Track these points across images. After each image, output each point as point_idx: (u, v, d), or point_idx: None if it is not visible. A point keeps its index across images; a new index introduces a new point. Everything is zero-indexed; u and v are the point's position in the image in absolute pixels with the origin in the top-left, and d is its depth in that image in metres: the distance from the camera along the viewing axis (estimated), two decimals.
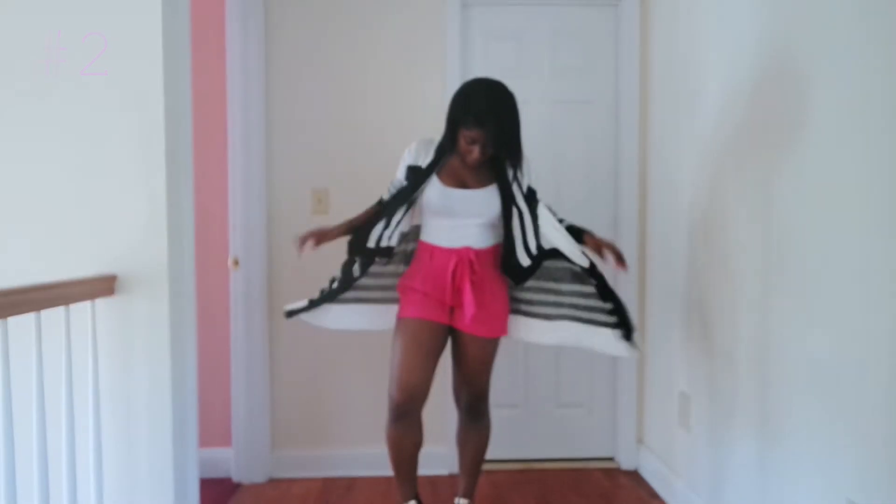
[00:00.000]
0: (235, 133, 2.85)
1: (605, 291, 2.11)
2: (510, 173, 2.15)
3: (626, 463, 3.05)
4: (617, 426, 3.09)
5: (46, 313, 1.63)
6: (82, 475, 1.75)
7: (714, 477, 2.28)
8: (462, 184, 2.15)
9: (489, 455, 3.05)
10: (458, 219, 2.13)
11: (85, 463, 1.76)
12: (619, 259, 2.11)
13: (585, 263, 2.11)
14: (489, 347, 2.20)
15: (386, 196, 2.21)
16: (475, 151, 2.05)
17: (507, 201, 2.14)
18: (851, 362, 1.54)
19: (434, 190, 2.14)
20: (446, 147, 2.15)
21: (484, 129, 2.00)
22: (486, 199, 2.14)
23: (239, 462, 2.90)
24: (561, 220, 2.23)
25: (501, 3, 3.01)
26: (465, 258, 2.11)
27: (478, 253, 2.13)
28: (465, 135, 2.03)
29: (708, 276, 2.33)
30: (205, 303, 2.75)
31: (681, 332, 2.58)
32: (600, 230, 3.06)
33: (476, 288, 2.10)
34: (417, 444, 2.23)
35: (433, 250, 2.16)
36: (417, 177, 2.14)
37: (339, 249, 2.91)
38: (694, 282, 2.45)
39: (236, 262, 2.86)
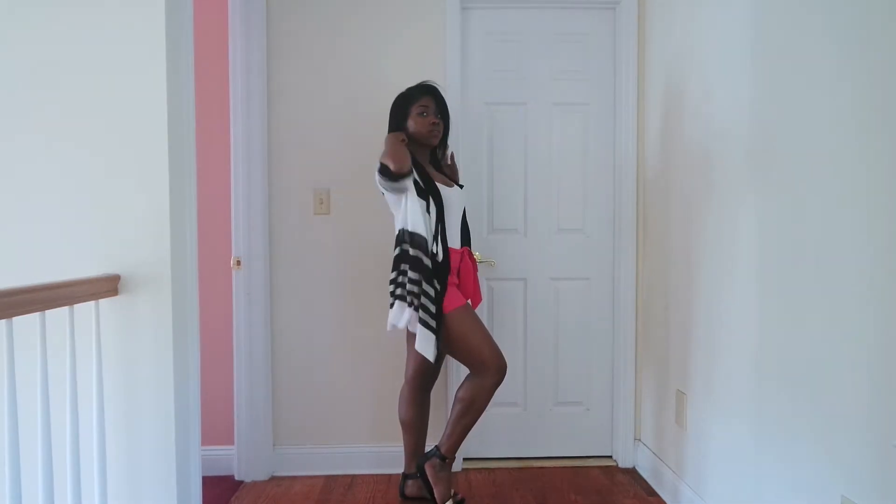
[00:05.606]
0: (237, 134, 2.88)
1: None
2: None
3: (623, 460, 3.07)
4: (615, 424, 3.12)
5: (51, 313, 1.65)
6: (86, 473, 1.77)
7: (710, 474, 2.30)
8: (445, 183, 2.49)
9: (488, 453, 3.09)
10: (455, 216, 2.47)
11: (89, 461, 1.79)
12: None
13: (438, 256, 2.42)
14: None
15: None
16: (430, 117, 2.43)
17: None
18: (844, 361, 1.56)
19: (443, 189, 2.42)
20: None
21: (431, 93, 2.47)
22: (464, 195, 2.59)
23: (241, 460, 2.93)
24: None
25: (501, 6, 3.03)
26: (466, 258, 2.51)
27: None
28: (417, 108, 2.43)
29: (704, 276, 2.35)
30: (207, 303, 2.78)
31: (677, 331, 2.60)
32: (599, 230, 3.11)
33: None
34: None
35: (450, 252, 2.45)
36: (423, 180, 2.39)
37: (339, 249, 2.96)
38: (690, 281, 2.47)
39: (238, 263, 2.88)
